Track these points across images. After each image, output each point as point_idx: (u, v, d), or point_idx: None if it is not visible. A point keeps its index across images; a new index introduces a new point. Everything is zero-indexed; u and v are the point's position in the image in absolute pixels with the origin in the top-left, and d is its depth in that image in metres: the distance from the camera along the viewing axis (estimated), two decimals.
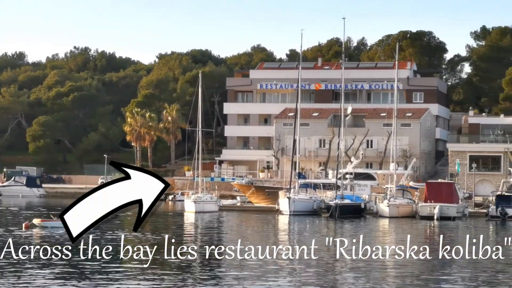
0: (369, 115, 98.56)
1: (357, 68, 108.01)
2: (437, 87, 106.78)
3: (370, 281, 27.72)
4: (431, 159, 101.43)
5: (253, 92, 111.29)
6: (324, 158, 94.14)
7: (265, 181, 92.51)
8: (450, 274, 30.19)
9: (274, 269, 30.27)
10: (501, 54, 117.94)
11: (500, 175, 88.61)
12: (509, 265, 34.05)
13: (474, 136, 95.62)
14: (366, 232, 52.94)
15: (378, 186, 78.06)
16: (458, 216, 65.18)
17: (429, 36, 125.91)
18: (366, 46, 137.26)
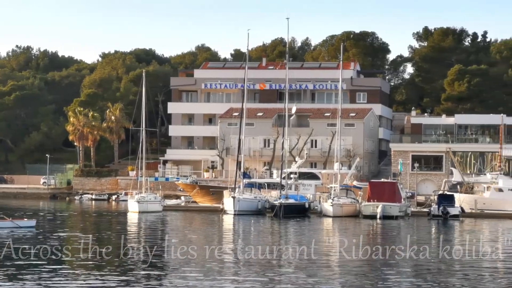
0: (313, 115, 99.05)
1: (301, 68, 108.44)
2: (380, 87, 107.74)
3: (314, 280, 27.76)
4: (374, 158, 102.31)
5: (197, 92, 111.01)
6: (269, 158, 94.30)
7: (209, 180, 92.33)
8: (391, 274, 30.41)
9: (218, 270, 30.14)
10: (443, 54, 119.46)
11: (442, 174, 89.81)
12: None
13: (417, 136, 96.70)
14: (310, 231, 53.11)
15: (322, 185, 78.44)
16: (401, 215, 65.82)
17: (372, 37, 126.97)
18: (310, 46, 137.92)
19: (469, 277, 29.59)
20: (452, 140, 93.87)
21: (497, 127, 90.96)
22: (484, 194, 74.31)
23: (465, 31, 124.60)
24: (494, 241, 48.27)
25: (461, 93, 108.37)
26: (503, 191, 73.09)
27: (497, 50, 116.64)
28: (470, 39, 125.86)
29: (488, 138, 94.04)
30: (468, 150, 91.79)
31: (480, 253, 39.62)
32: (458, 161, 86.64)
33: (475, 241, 47.05)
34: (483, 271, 31.36)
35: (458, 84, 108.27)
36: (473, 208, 72.20)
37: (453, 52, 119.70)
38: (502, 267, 33.01)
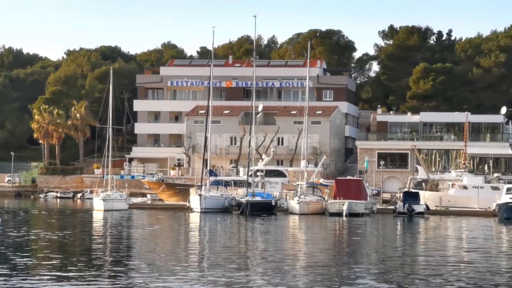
0: (280, 112, 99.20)
1: (268, 66, 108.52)
2: (346, 85, 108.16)
3: (279, 278, 27.78)
4: (340, 156, 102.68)
5: (163, 89, 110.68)
6: (235, 156, 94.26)
7: (176, 178, 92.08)
8: (357, 271, 30.52)
9: (183, 268, 30.05)
10: (409, 53, 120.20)
11: (407, 172, 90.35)
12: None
13: (382, 133, 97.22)
14: (276, 229, 53.15)
15: (289, 183, 78.54)
16: (366, 212, 66.11)
17: (338, 35, 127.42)
18: (276, 44, 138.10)
19: (433, 273, 29.77)
20: (418, 137, 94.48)
21: (461, 125, 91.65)
22: (448, 191, 74.86)
23: (430, 29, 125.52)
24: (458, 238, 48.67)
25: (426, 91, 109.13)
26: (467, 188, 73.65)
27: (461, 48, 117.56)
28: (435, 38, 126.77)
29: (453, 136, 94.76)
30: (433, 147, 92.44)
31: (444, 249, 39.91)
32: (423, 158, 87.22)
33: (439, 238, 47.42)
34: (447, 268, 31.58)
35: (423, 82, 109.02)
36: (438, 205, 72.74)
37: (418, 50, 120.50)
38: (465, 263, 33.28)
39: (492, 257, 36.46)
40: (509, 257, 36.90)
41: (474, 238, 48.18)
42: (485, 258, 35.56)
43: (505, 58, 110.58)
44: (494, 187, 72.60)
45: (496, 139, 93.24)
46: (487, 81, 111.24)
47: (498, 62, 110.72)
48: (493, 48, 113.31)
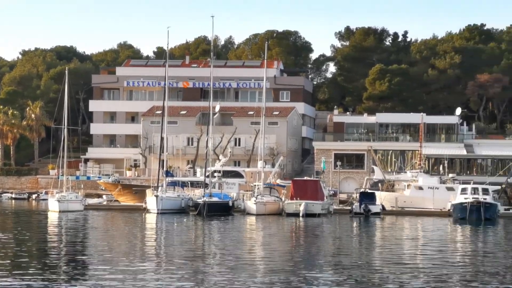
0: (237, 113, 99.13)
1: (225, 67, 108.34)
2: (303, 86, 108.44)
3: (235, 278, 27.66)
4: (297, 157, 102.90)
5: (119, 90, 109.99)
6: (192, 156, 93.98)
7: (132, 179, 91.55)
8: (312, 272, 30.52)
9: (139, 269, 29.78)
10: (365, 54, 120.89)
11: (363, 172, 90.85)
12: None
13: (339, 134, 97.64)
14: (233, 229, 53.03)
15: (246, 184, 78.49)
16: (323, 213, 66.27)
17: (295, 36, 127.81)
18: (233, 45, 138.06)
19: (388, 272, 29.88)
20: (374, 138, 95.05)
21: (417, 125, 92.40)
22: (404, 192, 75.37)
23: (386, 31, 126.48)
24: (414, 238, 48.98)
25: (382, 92, 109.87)
26: (423, 189, 74.23)
27: (417, 50, 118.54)
28: (391, 39, 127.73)
29: (409, 137, 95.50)
30: (389, 148, 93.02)
31: (400, 249, 40.13)
32: (379, 159, 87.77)
33: (395, 238, 47.69)
34: (403, 267, 31.72)
35: (379, 83, 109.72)
36: (393, 205, 73.20)
37: (374, 51, 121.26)
38: (420, 263, 33.47)
39: (447, 256, 36.73)
40: (463, 256, 37.20)
41: (429, 238, 48.51)
42: (439, 257, 35.80)
43: (460, 60, 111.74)
44: (449, 188, 73.25)
45: (451, 140, 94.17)
46: (442, 82, 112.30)
47: (453, 63, 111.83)
48: (448, 50, 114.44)
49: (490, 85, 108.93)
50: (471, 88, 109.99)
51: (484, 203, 64.06)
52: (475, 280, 28.55)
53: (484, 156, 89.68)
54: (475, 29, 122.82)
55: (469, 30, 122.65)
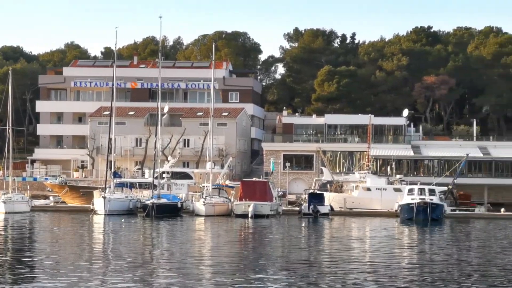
0: (186, 114, 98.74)
1: (173, 67, 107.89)
2: (252, 87, 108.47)
3: (184, 280, 27.49)
4: (246, 158, 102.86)
5: (67, 90, 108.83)
6: (141, 157, 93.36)
7: (79, 180, 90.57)
8: (262, 273, 30.45)
9: (86, 271, 29.42)
10: (313, 55, 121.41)
11: (312, 173, 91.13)
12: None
13: (288, 135, 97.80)
14: (182, 231, 52.77)
15: (195, 185, 78.20)
16: (272, 214, 66.33)
17: (244, 37, 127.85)
18: (182, 46, 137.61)
19: (337, 272, 29.94)
20: (322, 139, 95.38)
21: (365, 127, 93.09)
22: (352, 193, 75.83)
23: (334, 32, 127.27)
24: (361, 238, 49.23)
25: (331, 94, 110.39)
26: (371, 190, 74.76)
27: (365, 51, 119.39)
28: (339, 41, 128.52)
29: (357, 138, 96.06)
30: (338, 149, 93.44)
31: (347, 249, 40.28)
32: (328, 160, 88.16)
33: (343, 238, 47.89)
34: (351, 267, 31.82)
35: (328, 84, 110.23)
36: (342, 206, 73.59)
37: (323, 53, 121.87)
38: (368, 263, 33.63)
39: (393, 256, 36.96)
40: (410, 256, 37.47)
41: (376, 238, 48.82)
42: (386, 257, 36.02)
43: (407, 62, 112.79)
44: (397, 189, 73.90)
45: (399, 141, 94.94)
46: (389, 84, 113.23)
47: (401, 65, 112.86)
48: (396, 52, 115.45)
49: (437, 86, 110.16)
50: (418, 89, 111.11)
51: (430, 204, 64.73)
52: (421, 279, 28.76)
53: (431, 157, 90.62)
54: (422, 31, 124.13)
55: (416, 32, 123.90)
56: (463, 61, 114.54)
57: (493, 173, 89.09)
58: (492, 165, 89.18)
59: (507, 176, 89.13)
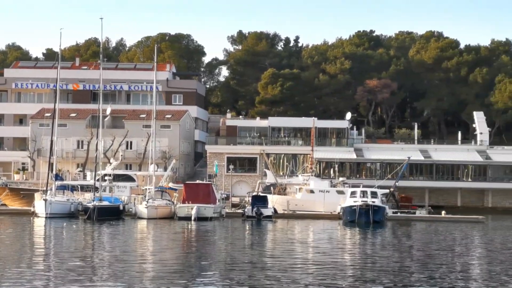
0: (129, 116, 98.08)
1: (116, 69, 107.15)
2: (196, 89, 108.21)
3: (126, 283, 27.25)
4: (190, 160, 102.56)
5: (7, 92, 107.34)
6: (82, 159, 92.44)
7: (20, 183, 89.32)
8: (204, 275, 30.35)
9: (26, 275, 28.97)
10: (257, 58, 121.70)
11: (256, 176, 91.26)
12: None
13: (232, 138, 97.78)
14: (123, 234, 52.34)
15: (138, 187, 77.66)
16: (215, 216, 66.16)
17: (187, 39, 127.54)
18: (125, 47, 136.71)
19: (280, 275, 29.97)
20: (266, 142, 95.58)
21: (308, 130, 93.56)
22: (296, 195, 76.06)
23: (278, 35, 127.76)
24: (304, 240, 49.39)
25: (275, 97, 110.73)
26: (314, 192, 75.06)
27: (308, 55, 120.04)
28: (283, 44, 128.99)
29: (300, 141, 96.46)
30: (281, 152, 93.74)
31: (290, 251, 40.37)
32: (271, 163, 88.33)
33: (286, 241, 47.99)
34: (293, 269, 31.88)
35: (272, 87, 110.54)
36: (285, 209, 73.75)
37: (266, 56, 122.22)
38: (309, 264, 33.74)
39: (335, 258, 37.15)
40: (351, 257, 37.70)
41: (318, 240, 49.02)
42: (328, 259, 36.18)
43: (350, 65, 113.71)
44: (339, 191, 74.34)
45: (341, 144, 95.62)
46: (332, 87, 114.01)
47: (343, 69, 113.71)
48: (339, 55, 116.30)
49: (379, 90, 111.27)
50: (360, 93, 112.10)
51: (372, 206, 65.25)
52: (361, 279, 28.93)
53: (373, 160, 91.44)
54: (364, 35, 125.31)
55: (359, 36, 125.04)
56: (405, 65, 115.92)
57: (434, 176, 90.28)
58: (433, 168, 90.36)
59: (448, 179, 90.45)
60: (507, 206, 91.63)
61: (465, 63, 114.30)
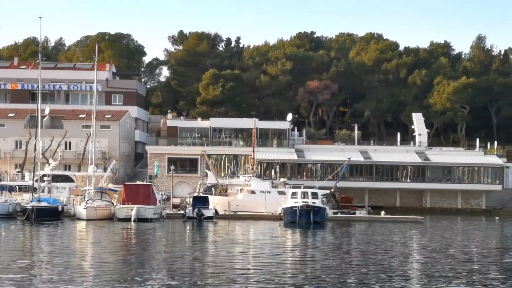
0: (68, 116, 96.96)
1: (55, 69, 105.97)
2: (136, 89, 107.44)
3: (67, 285, 26.84)
4: (130, 161, 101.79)
5: None
6: (21, 160, 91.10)
7: None
8: (145, 277, 30.07)
9: None
10: (198, 58, 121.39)
11: (197, 177, 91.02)
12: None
13: (173, 138, 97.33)
14: (62, 235, 51.64)
15: (77, 188, 76.80)
16: (156, 217, 65.72)
17: (127, 39, 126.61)
18: (64, 47, 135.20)
19: (220, 276, 29.85)
20: (207, 143, 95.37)
21: (250, 130, 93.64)
22: (237, 196, 75.99)
23: (219, 36, 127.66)
24: (245, 241, 49.33)
25: (216, 97, 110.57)
26: (255, 193, 75.08)
27: (249, 55, 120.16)
28: (224, 44, 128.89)
29: (242, 142, 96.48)
30: (223, 153, 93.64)
31: (231, 252, 40.28)
32: (212, 163, 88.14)
33: (227, 241, 47.88)
34: (234, 270, 31.79)
35: (213, 88, 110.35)
36: (227, 209, 73.64)
37: (207, 56, 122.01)
38: (250, 265, 33.69)
39: (276, 258, 37.15)
40: (292, 258, 37.75)
41: (259, 241, 49.01)
42: (268, 259, 36.18)
43: (291, 66, 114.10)
44: (281, 192, 74.48)
45: (283, 145, 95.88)
46: (274, 88, 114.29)
47: (284, 70, 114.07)
48: (280, 56, 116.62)
49: (320, 91, 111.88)
50: (301, 94, 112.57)
51: (313, 207, 65.50)
52: (300, 280, 28.96)
53: (314, 161, 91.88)
54: (305, 37, 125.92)
55: (300, 38, 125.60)
56: (345, 67, 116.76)
57: (373, 176, 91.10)
58: (373, 169, 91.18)
59: (387, 179, 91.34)
60: (445, 206, 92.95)
61: (404, 65, 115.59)
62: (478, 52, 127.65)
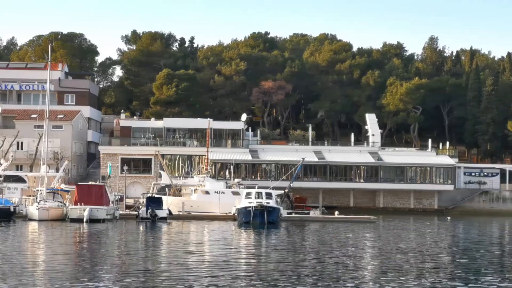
0: (20, 116, 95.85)
1: (7, 68, 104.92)
2: (89, 89, 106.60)
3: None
4: (83, 161, 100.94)
5: None
6: None
7: None
8: (97, 279, 29.82)
9: None
10: (152, 58, 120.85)
11: (151, 177, 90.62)
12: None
13: (126, 139, 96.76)
14: (14, 236, 51.02)
15: (29, 189, 75.97)
16: (109, 218, 65.30)
17: (80, 38, 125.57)
18: (16, 46, 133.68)
19: (172, 277, 29.72)
20: (161, 143, 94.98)
21: (204, 131, 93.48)
22: (191, 196, 75.83)
23: (173, 36, 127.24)
24: (199, 241, 49.21)
25: (170, 97, 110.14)
26: (209, 193, 74.99)
27: (203, 56, 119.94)
28: (178, 44, 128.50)
29: (196, 142, 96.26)
30: (177, 153, 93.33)
31: (184, 253, 40.13)
32: (166, 164, 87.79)
33: (180, 242, 47.72)
34: (187, 270, 31.67)
35: (167, 88, 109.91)
36: (181, 210, 73.43)
37: (161, 56, 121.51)
38: (203, 266, 33.60)
39: (230, 258, 37.11)
40: (246, 258, 37.75)
41: (213, 241, 48.92)
42: (223, 260, 36.12)
43: (245, 66, 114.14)
44: (235, 192, 74.48)
45: (237, 145, 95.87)
46: (228, 89, 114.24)
47: (239, 70, 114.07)
48: (234, 57, 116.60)
49: (274, 92, 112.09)
50: (256, 94, 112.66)
51: (267, 207, 65.59)
52: (254, 280, 28.96)
53: (268, 161, 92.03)
54: (259, 37, 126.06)
55: (254, 38, 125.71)
56: (299, 67, 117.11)
57: (327, 177, 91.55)
58: (327, 169, 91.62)
59: (341, 180, 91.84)
60: (397, 206, 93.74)
61: (358, 65, 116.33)
62: (431, 53, 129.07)
